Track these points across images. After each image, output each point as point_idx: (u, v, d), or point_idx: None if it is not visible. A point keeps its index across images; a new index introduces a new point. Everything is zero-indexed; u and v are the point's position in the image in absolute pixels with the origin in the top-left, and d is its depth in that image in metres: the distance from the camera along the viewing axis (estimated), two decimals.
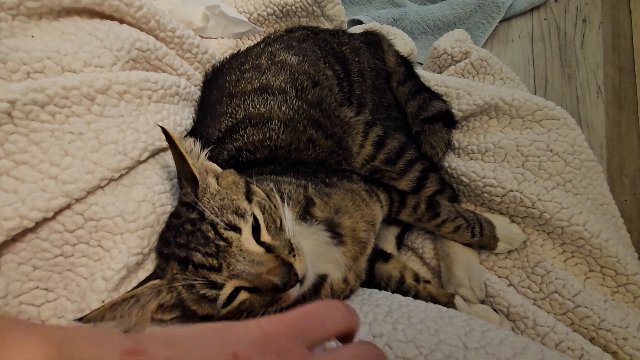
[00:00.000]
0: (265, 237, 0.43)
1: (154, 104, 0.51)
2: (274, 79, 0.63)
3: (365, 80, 0.72)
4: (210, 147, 0.46)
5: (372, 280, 0.65)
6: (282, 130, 0.58)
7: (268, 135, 0.57)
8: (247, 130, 0.58)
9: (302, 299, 0.47)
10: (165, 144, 0.50)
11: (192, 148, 0.44)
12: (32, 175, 0.39)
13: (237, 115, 0.59)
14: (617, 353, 0.53)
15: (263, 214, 0.44)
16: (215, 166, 0.47)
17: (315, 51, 0.70)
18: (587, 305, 0.56)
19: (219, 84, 0.66)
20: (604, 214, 0.64)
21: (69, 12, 0.49)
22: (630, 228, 0.67)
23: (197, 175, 0.44)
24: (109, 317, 0.40)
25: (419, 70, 0.83)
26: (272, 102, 0.60)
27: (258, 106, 0.60)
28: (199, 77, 0.70)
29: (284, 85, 0.62)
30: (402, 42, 0.89)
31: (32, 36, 0.44)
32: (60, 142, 0.41)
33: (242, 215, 0.42)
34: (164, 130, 0.43)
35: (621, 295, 0.58)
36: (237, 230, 0.41)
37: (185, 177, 0.45)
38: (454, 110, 0.75)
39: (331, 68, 0.69)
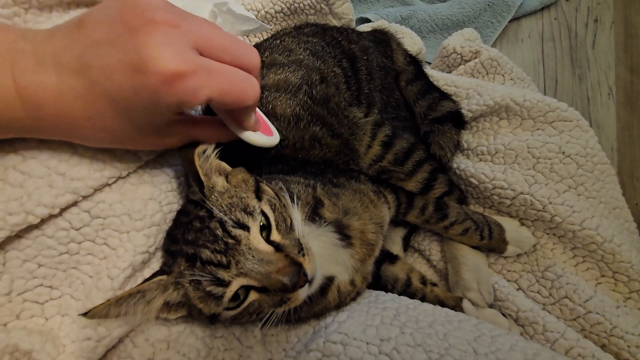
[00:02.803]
0: (275, 236, 0.42)
1: None
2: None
3: (373, 79, 0.71)
4: (221, 147, 0.46)
5: (378, 282, 0.64)
6: (286, 127, 0.57)
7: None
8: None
9: (309, 301, 0.47)
10: None
11: (204, 149, 0.43)
12: (40, 171, 0.38)
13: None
14: None
15: (273, 212, 0.43)
16: (224, 165, 0.47)
17: (323, 47, 0.69)
18: (598, 311, 0.55)
19: None
20: (616, 218, 0.63)
21: (78, 4, 0.48)
22: None
23: (203, 177, 0.43)
24: (114, 313, 0.39)
25: (428, 70, 0.81)
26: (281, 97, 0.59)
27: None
28: None
29: (298, 81, 0.61)
30: (411, 41, 0.87)
31: None
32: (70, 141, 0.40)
33: (251, 214, 0.42)
34: None
35: (634, 301, 0.57)
36: (246, 228, 0.41)
37: (192, 177, 0.44)
38: (463, 111, 0.74)
39: (339, 65, 0.68)
